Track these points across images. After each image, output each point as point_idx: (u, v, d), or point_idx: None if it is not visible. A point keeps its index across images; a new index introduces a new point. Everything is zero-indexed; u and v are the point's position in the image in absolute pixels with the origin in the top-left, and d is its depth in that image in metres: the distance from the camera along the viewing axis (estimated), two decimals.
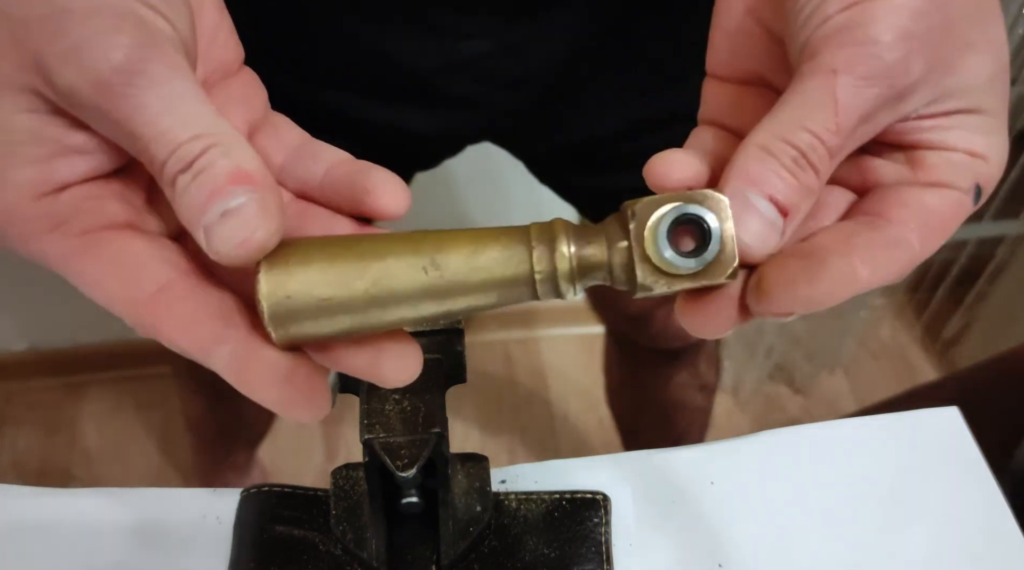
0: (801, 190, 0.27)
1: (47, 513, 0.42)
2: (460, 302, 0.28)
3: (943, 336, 1.52)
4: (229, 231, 0.26)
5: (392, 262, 0.28)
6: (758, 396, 1.49)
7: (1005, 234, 1.40)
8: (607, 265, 0.28)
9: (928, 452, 0.45)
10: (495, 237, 0.28)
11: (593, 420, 1.43)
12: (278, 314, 0.27)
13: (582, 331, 1.48)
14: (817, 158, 0.27)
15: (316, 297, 0.28)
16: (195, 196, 0.26)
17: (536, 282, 0.28)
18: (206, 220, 0.26)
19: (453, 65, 0.58)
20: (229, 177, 0.26)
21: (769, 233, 0.27)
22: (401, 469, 0.33)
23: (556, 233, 0.28)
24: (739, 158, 0.28)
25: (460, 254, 0.28)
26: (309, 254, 0.28)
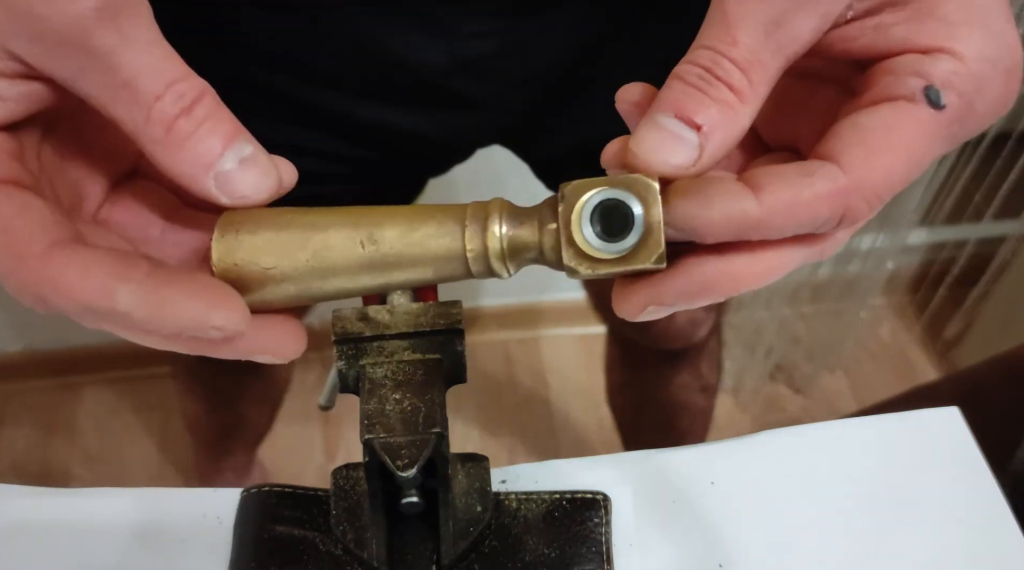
0: (712, 103, 0.26)
1: (47, 513, 0.42)
2: (396, 276, 0.29)
3: (943, 336, 1.52)
4: (254, 178, 0.28)
5: (332, 235, 0.29)
6: (758, 396, 1.49)
7: (1006, 234, 1.40)
8: (538, 246, 0.28)
9: (928, 452, 0.45)
10: (431, 214, 0.29)
11: (593, 420, 1.43)
12: (226, 280, 0.28)
13: (582, 331, 1.48)
14: (724, 71, 0.26)
15: (261, 266, 0.29)
16: (208, 142, 0.27)
17: (468, 260, 0.28)
18: (222, 166, 0.27)
19: (458, 65, 0.58)
20: (235, 128, 0.28)
21: (676, 146, 0.26)
22: (401, 469, 0.33)
23: (490, 213, 0.28)
24: (660, 91, 0.27)
25: (396, 230, 0.29)
26: (258, 224, 0.29)
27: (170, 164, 0.27)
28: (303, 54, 0.59)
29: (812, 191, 0.26)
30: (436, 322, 0.36)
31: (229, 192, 0.28)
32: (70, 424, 1.43)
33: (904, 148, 0.26)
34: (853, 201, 0.26)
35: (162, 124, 0.27)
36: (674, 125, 0.26)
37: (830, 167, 0.26)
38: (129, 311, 0.26)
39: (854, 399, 1.49)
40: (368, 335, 0.36)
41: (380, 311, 0.36)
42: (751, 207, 0.26)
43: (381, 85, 0.60)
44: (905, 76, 0.27)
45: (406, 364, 0.36)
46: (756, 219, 0.26)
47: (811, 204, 0.26)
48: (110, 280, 0.26)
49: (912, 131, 0.26)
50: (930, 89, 0.26)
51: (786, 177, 0.26)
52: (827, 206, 0.26)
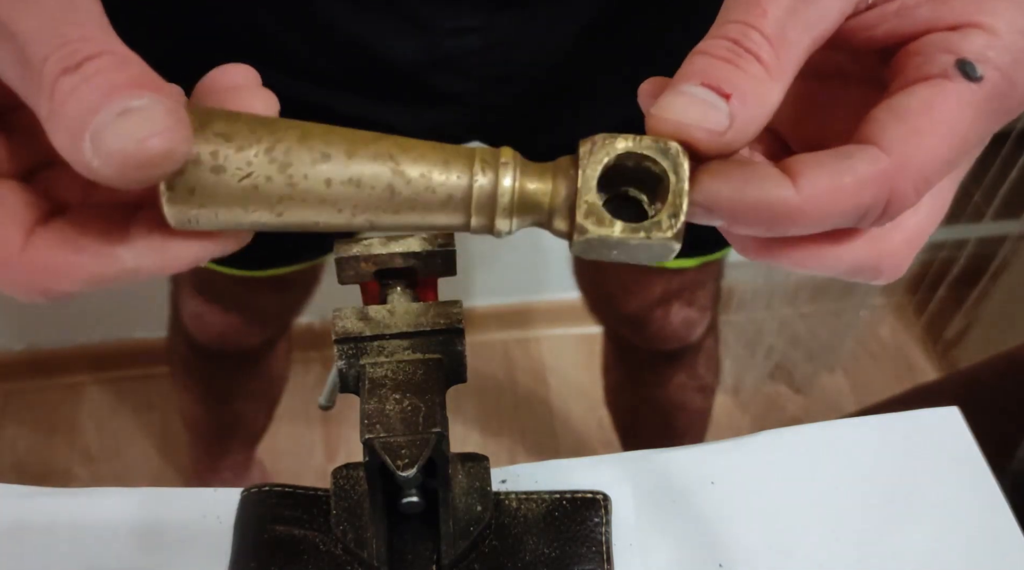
0: (742, 74, 0.24)
1: (47, 513, 0.42)
2: (381, 214, 0.26)
3: (944, 336, 1.52)
4: (129, 127, 0.22)
5: (316, 129, 0.25)
6: (758, 396, 1.49)
7: (1006, 234, 1.40)
8: (549, 197, 0.26)
9: (928, 452, 0.45)
10: (435, 147, 0.26)
11: (593, 420, 1.43)
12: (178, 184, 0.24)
13: (582, 331, 1.48)
14: (753, 43, 0.25)
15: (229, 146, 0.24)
16: (86, 96, 0.22)
17: (472, 204, 0.26)
18: (98, 121, 0.22)
19: (437, 60, 0.58)
20: (130, 80, 0.22)
21: (708, 111, 0.24)
22: (401, 469, 0.33)
23: (503, 159, 0.26)
24: (680, 68, 0.26)
25: (392, 146, 0.26)
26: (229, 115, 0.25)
27: (53, 137, 0.22)
28: (281, 47, 0.59)
29: (854, 175, 0.24)
30: (436, 322, 0.36)
31: (99, 148, 0.22)
32: (70, 424, 1.43)
33: (946, 125, 0.24)
34: (899, 184, 0.24)
35: (45, 90, 0.22)
36: (702, 92, 0.24)
37: (870, 149, 0.24)
38: (138, 266, 0.25)
39: (854, 399, 1.49)
40: (368, 334, 0.36)
41: (380, 311, 0.36)
42: (789, 194, 0.24)
43: (360, 79, 0.60)
44: (935, 54, 0.25)
45: (406, 364, 0.36)
46: (793, 207, 0.24)
47: (854, 189, 0.24)
48: (106, 246, 0.24)
49: (953, 107, 0.25)
50: (963, 62, 0.25)
51: (824, 162, 0.24)
52: (871, 191, 0.24)
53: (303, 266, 0.84)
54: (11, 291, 0.25)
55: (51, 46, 0.22)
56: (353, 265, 0.36)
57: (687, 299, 0.88)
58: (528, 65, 0.60)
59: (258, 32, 0.58)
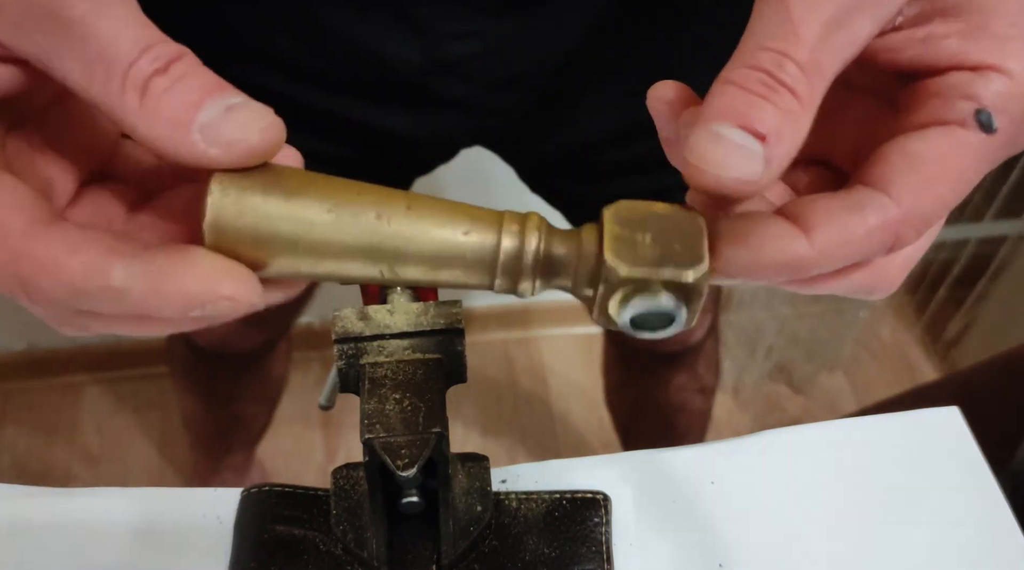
0: (777, 112, 0.24)
1: (47, 513, 0.42)
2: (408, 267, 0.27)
3: (944, 336, 1.52)
4: (245, 119, 0.24)
5: (350, 198, 0.26)
6: (758, 396, 1.49)
7: (1006, 234, 1.40)
8: (574, 267, 0.27)
9: (928, 452, 0.45)
10: (462, 209, 0.27)
11: (593, 420, 1.43)
12: (219, 245, 0.25)
13: (582, 331, 1.48)
14: (788, 76, 0.25)
15: (268, 227, 0.26)
16: (185, 95, 0.24)
17: (498, 266, 0.26)
18: (204, 117, 0.24)
19: (437, 65, 0.57)
20: (217, 82, 0.25)
21: (745, 161, 0.24)
22: (401, 469, 0.33)
23: (529, 224, 0.27)
24: (707, 98, 0.25)
25: (422, 211, 0.26)
26: (262, 178, 0.26)
27: (149, 129, 0.24)
28: (282, 50, 0.59)
29: (865, 227, 0.25)
30: (436, 322, 0.36)
31: (217, 139, 0.24)
32: (70, 424, 1.43)
33: (956, 175, 0.25)
34: (903, 230, 0.25)
35: (137, 88, 0.24)
36: (737, 135, 0.24)
37: (880, 198, 0.25)
38: (126, 287, 0.24)
39: (854, 399, 1.49)
40: (368, 335, 0.36)
41: (380, 311, 0.36)
42: (803, 249, 0.25)
43: (361, 84, 0.60)
44: (956, 100, 0.26)
45: (406, 364, 0.36)
46: (808, 261, 0.25)
47: (864, 240, 0.25)
48: (102, 255, 0.24)
49: (964, 158, 0.26)
50: (982, 113, 0.25)
51: (836, 214, 0.25)
52: (879, 239, 0.25)
53: None
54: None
55: (137, 50, 0.24)
56: None
57: None
58: (529, 69, 0.60)
59: (259, 35, 0.58)
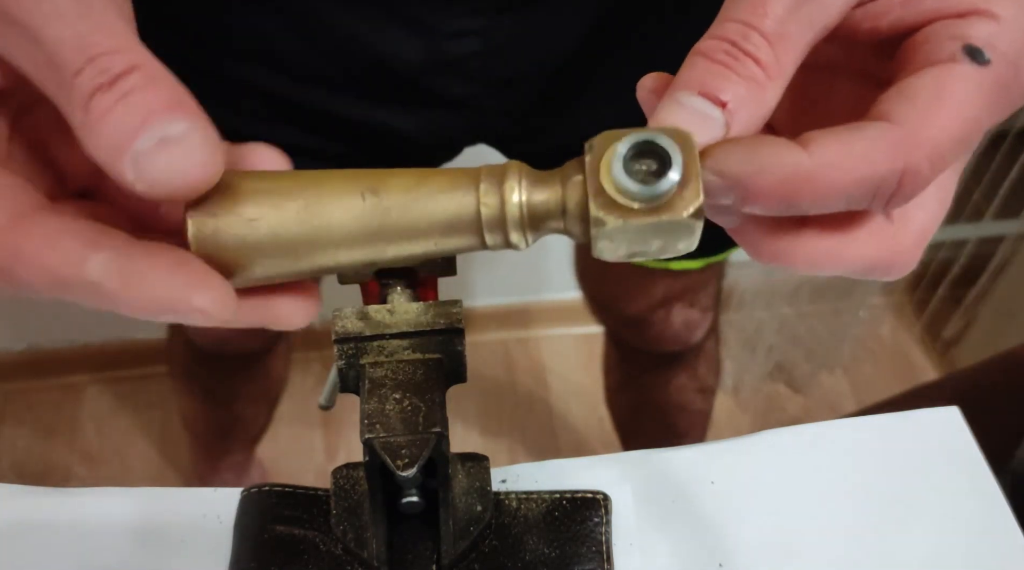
0: (738, 79, 0.25)
1: (47, 513, 0.42)
2: (399, 243, 0.26)
3: (943, 336, 1.52)
4: (172, 160, 0.23)
5: (329, 184, 0.26)
6: (758, 396, 1.49)
7: (1005, 233, 1.40)
8: (561, 205, 0.26)
9: (928, 452, 0.45)
10: (441, 174, 0.26)
11: (593, 420, 1.43)
12: (205, 251, 0.25)
13: (582, 331, 1.48)
14: (752, 46, 0.25)
15: (244, 217, 0.25)
16: (124, 118, 0.23)
17: (482, 225, 0.26)
18: (138, 146, 0.23)
19: (438, 64, 0.57)
20: (165, 102, 0.24)
21: (704, 125, 0.24)
22: (401, 468, 0.33)
23: (508, 174, 0.26)
24: (679, 71, 0.26)
25: (402, 182, 0.26)
26: (242, 177, 0.26)
27: (90, 149, 0.24)
28: (283, 50, 0.59)
29: (866, 142, 0.24)
30: (436, 322, 0.36)
31: (143, 176, 0.23)
32: (70, 424, 1.43)
33: (956, 105, 0.25)
34: (912, 156, 0.24)
35: (80, 102, 0.23)
36: (698, 102, 0.25)
37: (881, 122, 0.24)
38: (100, 281, 0.23)
39: (854, 399, 1.49)
40: (368, 334, 0.36)
41: (380, 310, 0.36)
42: (801, 158, 0.24)
43: (361, 83, 0.60)
44: (942, 40, 0.25)
45: (406, 364, 0.36)
46: (807, 172, 0.24)
47: (867, 155, 0.24)
48: (80, 248, 0.24)
49: (962, 88, 0.25)
50: (971, 47, 0.25)
51: (835, 131, 0.24)
52: (884, 159, 0.24)
53: None
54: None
55: (82, 59, 0.23)
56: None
57: (689, 301, 0.88)
58: (529, 68, 0.60)
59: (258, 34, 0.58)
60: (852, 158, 0.24)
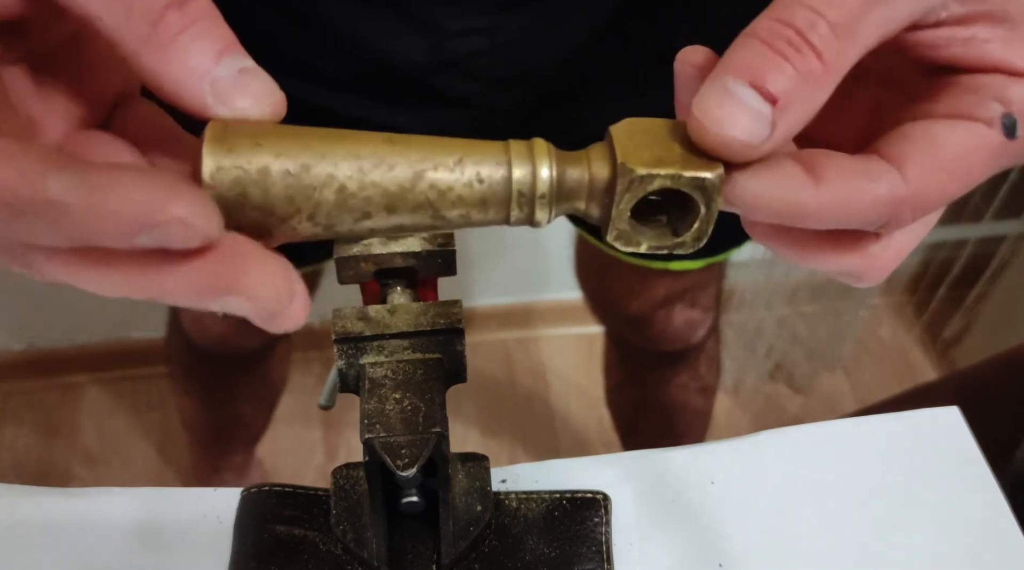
0: (796, 76, 0.23)
1: (47, 513, 0.42)
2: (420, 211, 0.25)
3: (943, 336, 1.52)
4: (257, 89, 0.24)
5: (354, 135, 0.25)
6: (758, 396, 1.49)
7: (1006, 233, 1.40)
8: (587, 187, 0.26)
9: (928, 452, 0.45)
10: (468, 142, 0.26)
11: (593, 420, 1.43)
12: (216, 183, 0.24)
13: (582, 331, 1.48)
14: (818, 37, 0.23)
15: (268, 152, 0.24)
16: (202, 43, 0.23)
17: (512, 197, 0.25)
18: (219, 73, 0.24)
19: (442, 63, 0.57)
20: (234, 38, 0.24)
21: (749, 122, 0.23)
22: (401, 468, 0.33)
23: (537, 150, 0.26)
24: (728, 50, 0.24)
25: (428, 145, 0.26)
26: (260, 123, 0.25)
27: (158, 67, 0.23)
28: (285, 47, 0.59)
29: (873, 196, 0.25)
30: (436, 321, 0.36)
31: (228, 101, 0.24)
32: (70, 424, 1.43)
33: (968, 170, 0.25)
34: (903, 210, 0.25)
35: (148, 16, 0.23)
36: (747, 94, 0.23)
37: (893, 174, 0.25)
38: (62, 201, 0.21)
39: (854, 399, 1.49)
40: (368, 334, 0.36)
41: (380, 310, 0.36)
42: (809, 199, 0.24)
43: (365, 81, 0.60)
44: (988, 99, 0.26)
45: (406, 363, 0.36)
46: (810, 209, 0.24)
47: (866, 208, 0.25)
48: (37, 164, 0.21)
49: (981, 156, 0.25)
50: (1008, 117, 0.25)
51: (849, 176, 0.25)
52: (878, 211, 0.25)
53: (305, 270, 0.84)
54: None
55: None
56: (353, 265, 0.36)
57: (690, 300, 0.88)
58: (534, 67, 0.60)
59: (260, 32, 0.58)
60: (854, 204, 0.25)
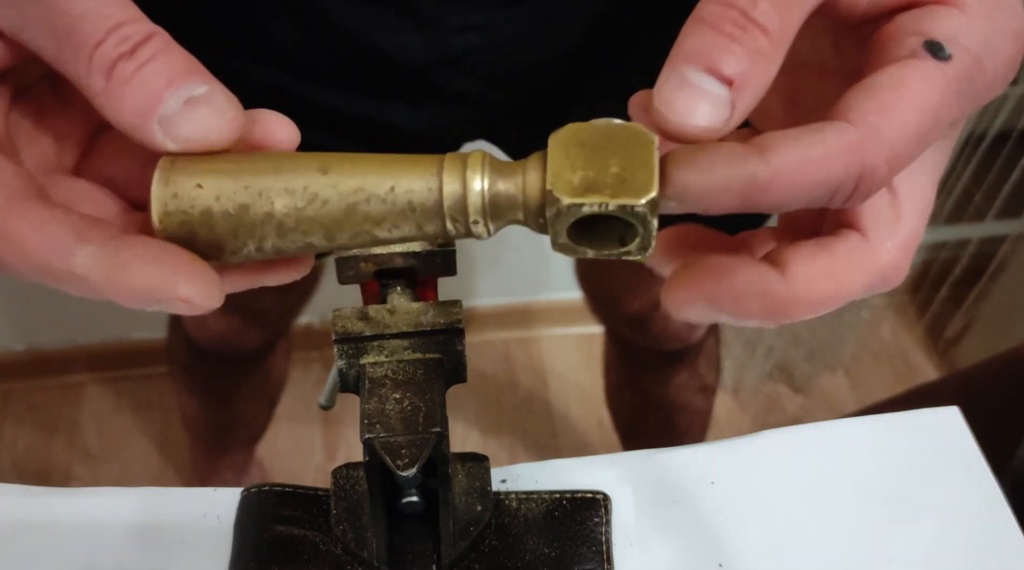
0: (746, 54, 0.24)
1: (47, 513, 0.42)
2: (359, 226, 0.26)
3: (944, 336, 1.52)
4: (202, 118, 0.25)
5: (287, 161, 0.26)
6: (758, 396, 1.49)
7: (1007, 233, 1.40)
8: (523, 199, 0.26)
9: (928, 452, 0.45)
10: (405, 159, 0.27)
11: (593, 420, 1.43)
12: (170, 230, 0.25)
13: (582, 331, 1.48)
14: (761, 13, 0.24)
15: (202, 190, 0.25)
16: (149, 82, 0.24)
17: (444, 213, 0.26)
18: (165, 108, 0.24)
19: (440, 59, 0.57)
20: (184, 67, 0.25)
21: (710, 108, 0.24)
22: (401, 468, 0.33)
23: (470, 164, 0.26)
24: (679, 37, 0.25)
25: (364, 165, 0.26)
26: (204, 158, 0.26)
27: (114, 115, 0.25)
28: (283, 44, 0.59)
29: (823, 146, 0.24)
30: (436, 321, 0.36)
31: (174, 134, 0.25)
32: (70, 424, 1.43)
33: (914, 100, 0.25)
34: (869, 157, 0.24)
35: (102, 71, 0.24)
36: (703, 80, 0.24)
37: (839, 123, 0.24)
38: (86, 275, 0.24)
39: (854, 399, 1.49)
40: (368, 334, 0.36)
41: (380, 310, 0.36)
42: (759, 169, 0.24)
43: (363, 78, 0.60)
44: (905, 37, 0.26)
45: (406, 363, 0.36)
46: (764, 182, 0.24)
47: (823, 161, 0.24)
48: (68, 239, 0.24)
49: (920, 84, 0.25)
50: (932, 43, 0.25)
51: (793, 136, 0.24)
52: (840, 162, 0.24)
53: None
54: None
55: (103, 29, 0.24)
56: (353, 265, 0.36)
57: None
58: (533, 63, 0.60)
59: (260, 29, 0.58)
60: (808, 164, 0.24)
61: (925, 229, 0.29)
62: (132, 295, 0.24)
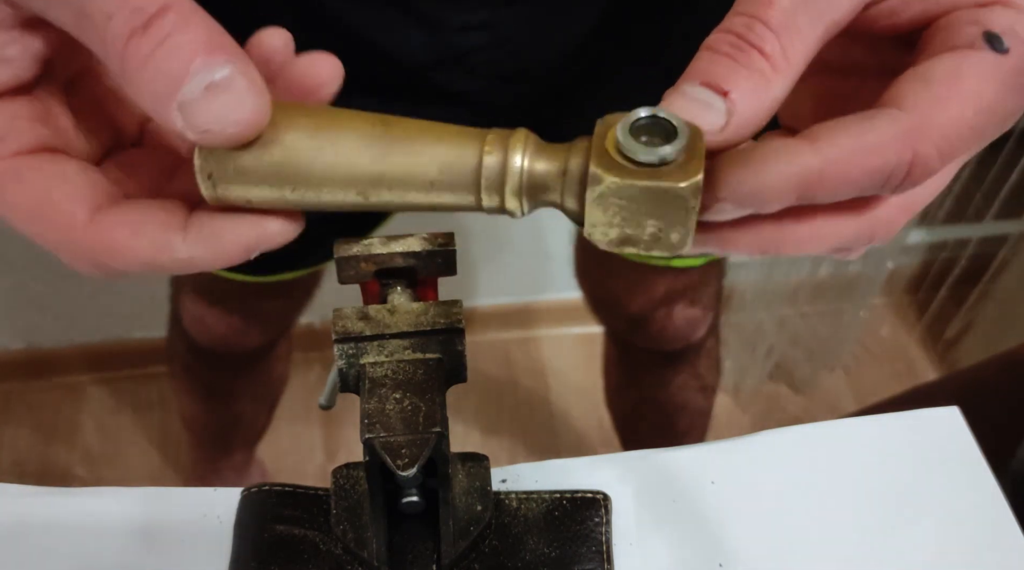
0: (741, 68, 0.25)
1: (47, 513, 0.42)
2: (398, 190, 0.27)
3: (944, 336, 1.52)
4: (222, 106, 0.23)
5: (342, 112, 0.27)
6: (758, 396, 1.49)
7: (1007, 233, 1.40)
8: (562, 171, 0.26)
9: (928, 452, 0.45)
10: (453, 127, 0.27)
11: (593, 420, 1.43)
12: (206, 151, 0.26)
13: (582, 331, 1.48)
14: (756, 37, 0.25)
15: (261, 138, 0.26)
16: (165, 65, 0.23)
17: (481, 183, 0.26)
18: (185, 94, 0.23)
19: (443, 59, 0.57)
20: (205, 44, 0.23)
21: (705, 113, 0.25)
22: (402, 468, 0.33)
23: (513, 139, 0.26)
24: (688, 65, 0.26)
25: (413, 126, 0.27)
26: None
27: (136, 96, 0.24)
28: None
29: (876, 134, 0.24)
30: (436, 321, 0.36)
31: (194, 125, 0.23)
32: (70, 424, 1.43)
33: (971, 92, 0.24)
34: (921, 146, 0.24)
35: (116, 49, 0.23)
36: (700, 93, 0.25)
37: (891, 110, 0.24)
38: (191, 257, 0.26)
39: (854, 399, 1.49)
40: (368, 334, 0.36)
41: (381, 310, 0.36)
42: (810, 159, 0.24)
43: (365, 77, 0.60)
44: (962, 27, 0.25)
45: (406, 363, 0.36)
46: (817, 172, 0.24)
47: (876, 149, 0.24)
48: (165, 234, 0.26)
49: (978, 75, 0.25)
50: (991, 34, 0.25)
51: (844, 124, 0.24)
52: (894, 150, 0.24)
53: (306, 272, 0.84)
54: (71, 262, 0.26)
55: (114, 3, 0.23)
56: (353, 265, 0.36)
57: (690, 299, 0.88)
58: (536, 62, 0.60)
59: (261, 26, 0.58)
60: (862, 152, 0.24)
61: (925, 230, 0.29)
62: (238, 256, 0.26)
